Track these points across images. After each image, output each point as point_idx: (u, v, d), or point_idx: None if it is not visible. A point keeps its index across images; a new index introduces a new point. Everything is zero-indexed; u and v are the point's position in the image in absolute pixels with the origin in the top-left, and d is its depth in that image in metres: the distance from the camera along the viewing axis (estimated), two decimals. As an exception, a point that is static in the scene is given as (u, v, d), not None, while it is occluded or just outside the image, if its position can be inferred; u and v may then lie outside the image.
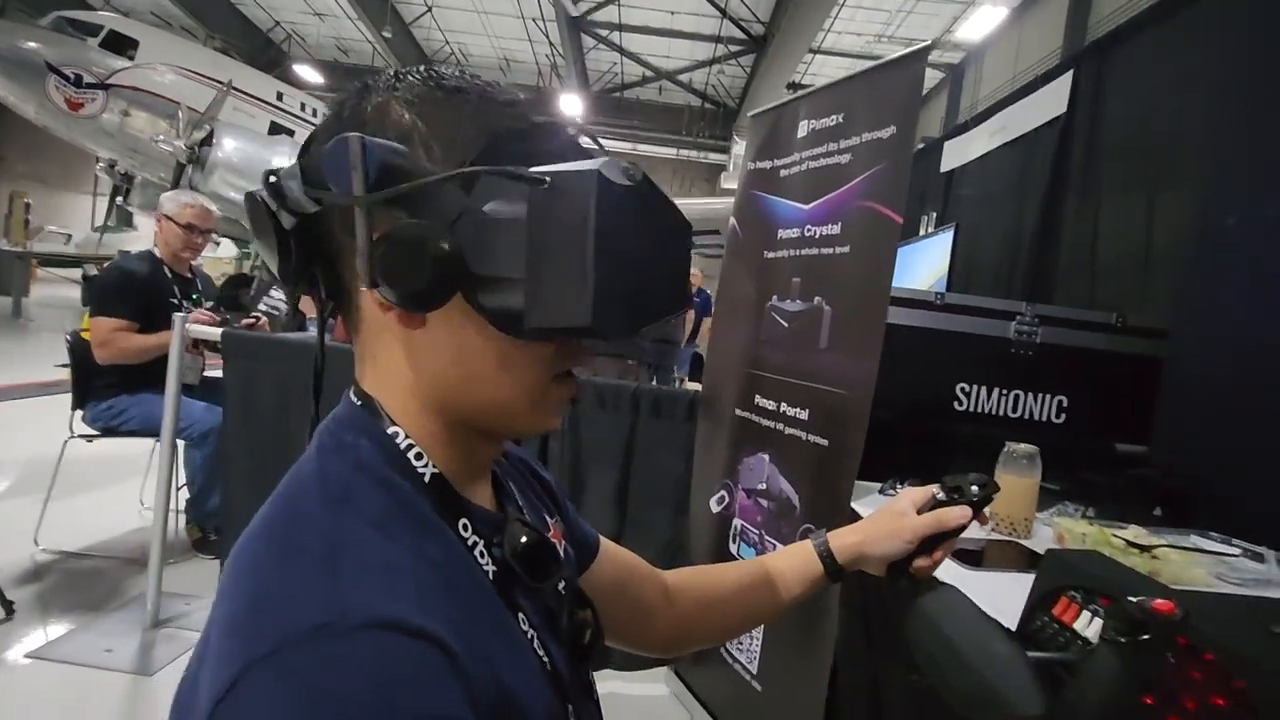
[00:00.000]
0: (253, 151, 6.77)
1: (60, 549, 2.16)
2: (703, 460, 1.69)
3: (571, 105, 11.43)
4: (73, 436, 2.12)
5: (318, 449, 0.41)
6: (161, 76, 7.64)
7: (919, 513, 0.64)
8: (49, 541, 2.15)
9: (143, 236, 10.73)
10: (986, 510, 0.64)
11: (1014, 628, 0.68)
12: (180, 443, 2.03)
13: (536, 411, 0.43)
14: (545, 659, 0.42)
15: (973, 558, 1.04)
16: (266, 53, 11.92)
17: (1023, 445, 1.15)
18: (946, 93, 11.02)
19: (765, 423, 1.50)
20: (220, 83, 7.40)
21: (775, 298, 1.52)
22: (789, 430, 1.42)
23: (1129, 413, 1.62)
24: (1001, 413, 1.68)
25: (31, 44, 7.26)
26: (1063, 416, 1.68)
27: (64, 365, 2.22)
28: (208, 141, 6.73)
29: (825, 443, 1.32)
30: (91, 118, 7.41)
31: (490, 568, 0.41)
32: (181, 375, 1.78)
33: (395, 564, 0.34)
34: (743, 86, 11.77)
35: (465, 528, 0.41)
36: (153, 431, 2.11)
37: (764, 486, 1.48)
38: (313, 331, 3.34)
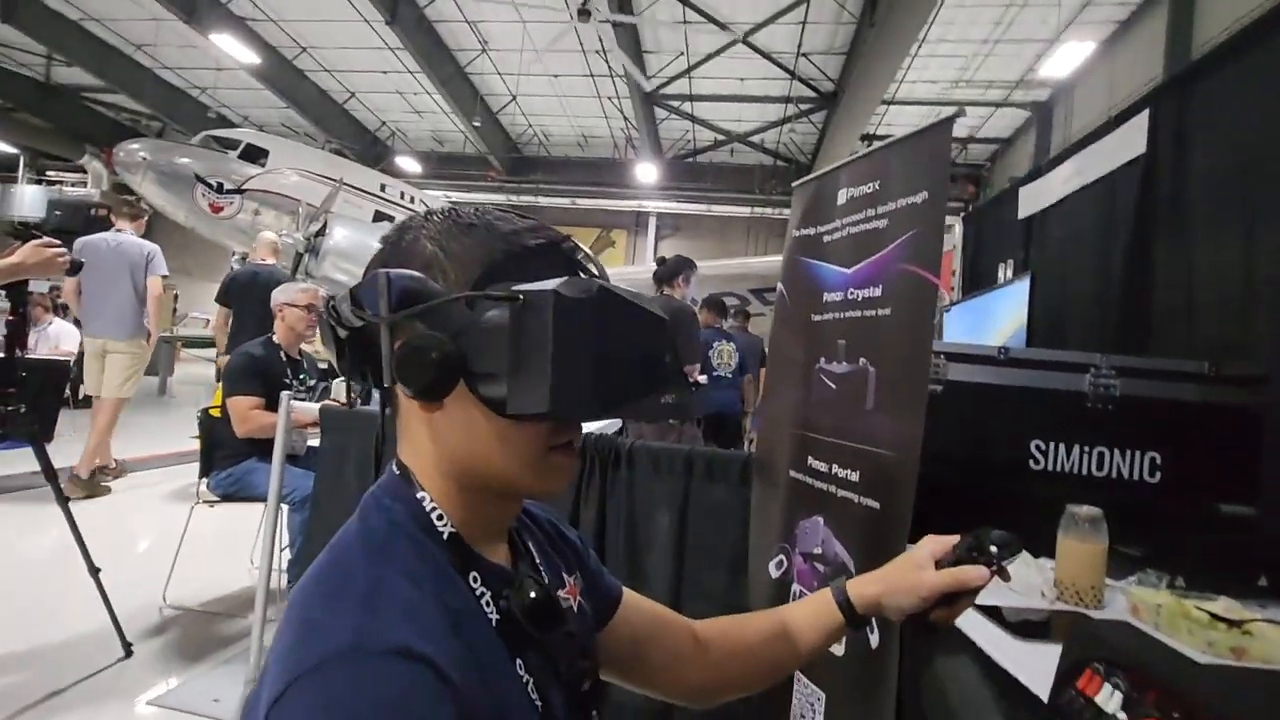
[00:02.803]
0: (359, 238, 7.50)
1: (183, 605, 2.42)
2: (759, 523, 1.68)
3: (646, 173, 11.94)
4: (199, 502, 2.41)
5: (360, 510, 0.50)
6: (286, 178, 8.72)
7: (939, 565, 0.65)
8: (174, 598, 2.41)
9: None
10: (1050, 576, 0.61)
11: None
12: (285, 507, 2.24)
13: (538, 478, 0.50)
14: (538, 701, 0.47)
15: (1037, 630, 0.99)
16: (374, 149, 13.29)
17: (1085, 508, 1.10)
18: (1034, 133, 10.61)
19: (819, 485, 1.49)
20: (333, 180, 8.34)
21: (823, 360, 1.53)
22: (841, 493, 1.41)
23: (1231, 471, 1.48)
24: (1085, 471, 1.58)
25: (184, 160, 8.54)
26: (1157, 475, 1.56)
27: (195, 436, 2.54)
28: (322, 232, 7.54)
29: (876, 505, 1.30)
30: (229, 219, 8.55)
31: (494, 616, 0.47)
32: (288, 447, 2.00)
33: (416, 605, 0.42)
34: (815, 142, 11.88)
35: (475, 579, 0.48)
36: (262, 497, 2.35)
37: (819, 550, 1.46)
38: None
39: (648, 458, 1.67)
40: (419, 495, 0.50)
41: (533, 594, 0.49)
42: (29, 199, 13.77)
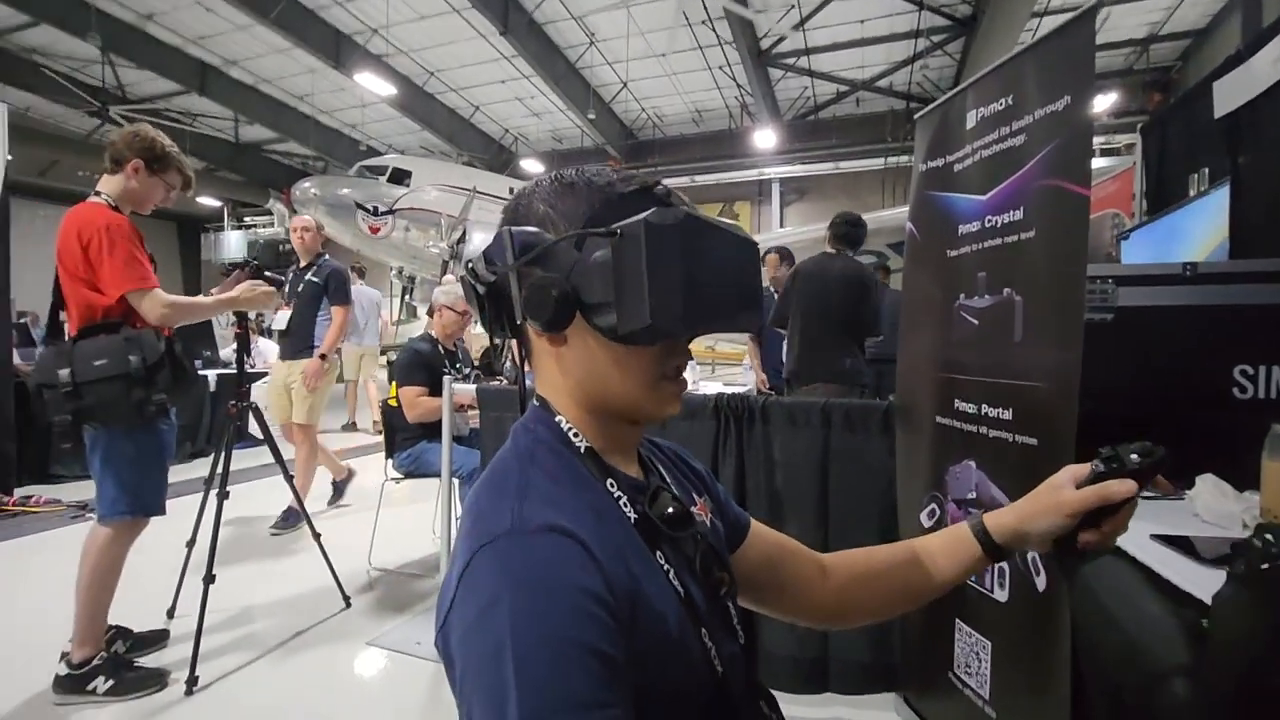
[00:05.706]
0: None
1: (385, 567, 2.86)
2: (905, 473, 1.62)
3: (765, 139, 11.55)
4: (386, 480, 2.81)
5: (511, 434, 0.60)
6: (428, 195, 9.56)
7: (1079, 487, 0.62)
8: (378, 561, 2.86)
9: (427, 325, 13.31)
10: (1254, 506, 0.56)
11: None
12: (456, 481, 2.52)
13: (652, 400, 0.57)
14: (679, 587, 0.54)
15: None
16: (501, 156, 14.10)
17: (1293, 426, 0.95)
18: (1239, 16, 8.80)
19: (968, 428, 1.41)
20: (467, 190, 9.00)
21: (962, 296, 1.44)
22: (993, 433, 1.33)
23: None
24: (1311, 396, 1.35)
25: (345, 190, 9.65)
26: None
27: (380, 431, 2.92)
28: (463, 239, 8.19)
29: (1034, 441, 1.22)
30: (385, 237, 9.55)
31: (632, 515, 0.55)
32: (454, 428, 2.23)
33: (559, 497, 0.51)
34: (953, 76, 10.81)
35: (612, 485, 0.56)
36: (437, 473, 2.66)
37: (974, 495, 1.39)
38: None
39: (782, 413, 1.67)
40: (557, 419, 0.58)
41: (670, 510, 0.55)
42: (234, 243, 16.40)
